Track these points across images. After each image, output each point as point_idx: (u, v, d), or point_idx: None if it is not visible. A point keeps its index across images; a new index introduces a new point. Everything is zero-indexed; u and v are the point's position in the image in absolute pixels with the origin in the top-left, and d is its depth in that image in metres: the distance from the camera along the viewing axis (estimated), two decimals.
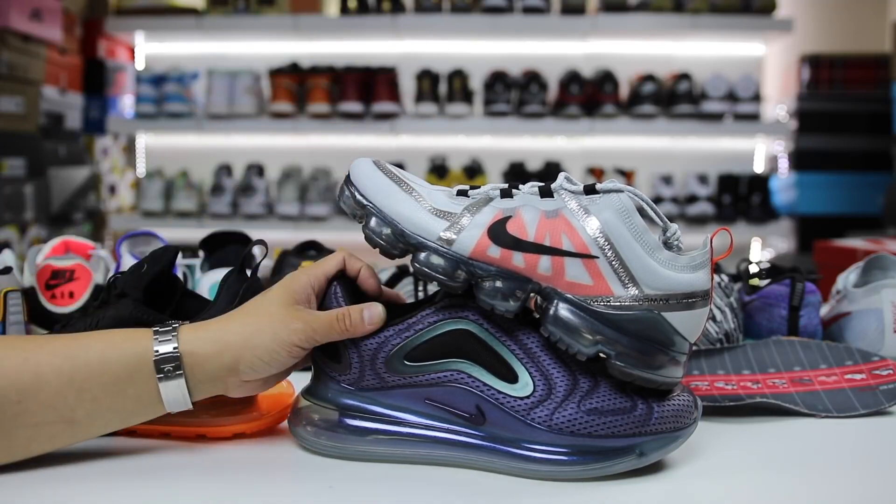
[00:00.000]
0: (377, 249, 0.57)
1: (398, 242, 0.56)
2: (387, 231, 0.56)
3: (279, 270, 1.05)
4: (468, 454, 0.56)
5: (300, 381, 0.65)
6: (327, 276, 0.60)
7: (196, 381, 0.56)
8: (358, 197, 0.57)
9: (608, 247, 0.54)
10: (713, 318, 0.80)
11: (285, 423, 0.63)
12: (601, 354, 0.54)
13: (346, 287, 0.59)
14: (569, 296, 0.54)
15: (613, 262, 0.54)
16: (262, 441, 0.63)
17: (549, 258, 0.54)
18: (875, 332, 0.80)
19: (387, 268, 0.99)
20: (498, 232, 0.54)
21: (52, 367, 0.54)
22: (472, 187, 0.58)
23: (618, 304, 0.54)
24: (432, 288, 0.94)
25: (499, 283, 0.54)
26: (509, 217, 0.55)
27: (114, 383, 0.54)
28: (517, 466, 0.55)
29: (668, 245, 0.57)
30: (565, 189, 0.57)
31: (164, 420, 0.62)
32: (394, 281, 0.96)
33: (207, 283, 0.97)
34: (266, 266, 1.11)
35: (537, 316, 0.57)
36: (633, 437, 0.54)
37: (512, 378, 0.56)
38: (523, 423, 0.55)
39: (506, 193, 0.57)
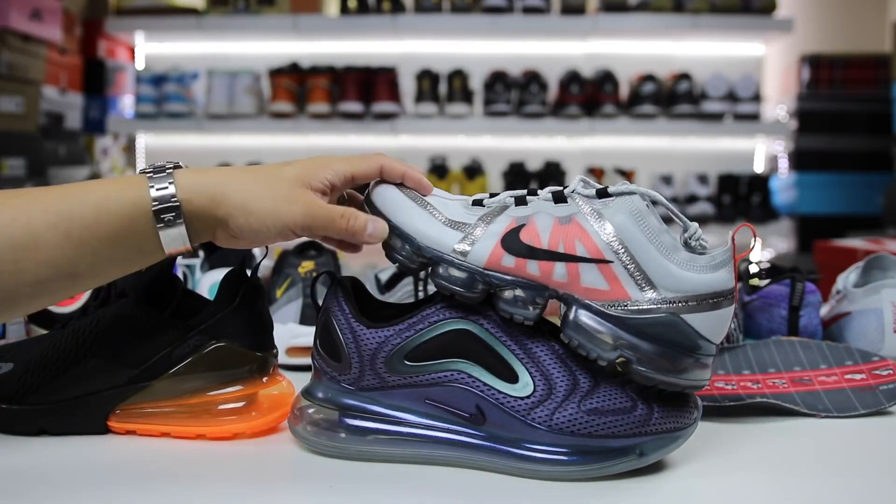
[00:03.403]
0: (397, 265, 0.57)
1: (416, 257, 0.56)
2: (406, 247, 0.56)
3: (279, 270, 1.05)
4: (468, 454, 0.56)
5: (300, 380, 0.65)
6: (354, 178, 0.58)
7: (192, 228, 0.54)
8: (377, 215, 0.58)
9: (623, 250, 0.54)
10: None
11: (285, 423, 0.64)
12: (622, 359, 0.54)
13: (347, 292, 0.59)
14: (587, 301, 0.54)
15: (629, 266, 0.54)
16: (262, 441, 0.63)
17: (564, 265, 0.54)
18: (875, 332, 0.80)
19: (387, 267, 0.99)
20: (511, 241, 0.55)
21: (46, 224, 0.52)
22: (492, 195, 0.58)
23: (636, 307, 0.54)
24: (432, 288, 0.94)
25: (517, 292, 0.54)
26: (523, 225, 0.55)
27: (113, 235, 0.53)
28: (517, 466, 0.55)
29: (688, 245, 0.56)
30: (579, 193, 0.56)
31: (164, 420, 0.63)
32: (394, 281, 0.96)
33: (207, 283, 0.97)
34: (266, 266, 1.11)
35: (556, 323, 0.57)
36: (634, 438, 0.54)
37: (512, 378, 0.56)
38: (524, 423, 0.55)
39: (520, 201, 0.57)
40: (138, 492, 0.53)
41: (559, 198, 0.57)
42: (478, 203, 0.58)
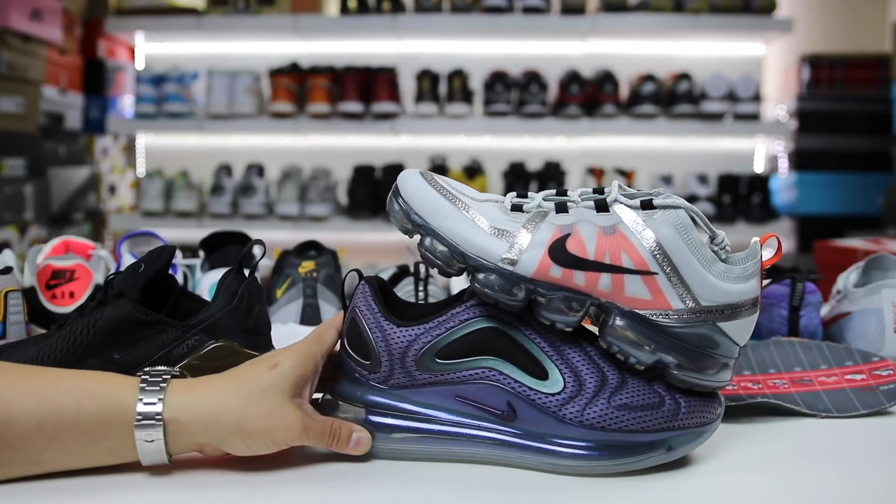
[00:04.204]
0: (434, 269, 0.57)
1: (456, 262, 0.56)
2: (444, 250, 0.56)
3: (279, 270, 1.05)
4: (500, 451, 0.57)
5: None
6: (330, 351, 0.60)
7: (176, 445, 0.54)
8: (412, 216, 0.57)
9: (666, 263, 0.54)
10: None
11: None
12: (659, 364, 0.55)
13: (375, 291, 0.59)
14: (628, 309, 0.55)
15: (672, 278, 0.55)
16: None
17: (609, 276, 0.55)
18: (875, 332, 0.80)
19: (387, 267, 0.99)
20: (559, 252, 0.55)
21: (24, 409, 0.51)
22: (520, 195, 0.58)
23: (676, 317, 0.55)
24: (432, 288, 0.94)
25: (559, 300, 0.55)
26: (568, 235, 0.55)
27: (87, 434, 0.52)
28: (548, 462, 0.56)
29: (715, 251, 0.57)
30: (621, 203, 0.57)
31: None
32: (394, 281, 0.96)
33: (207, 283, 0.97)
34: (266, 266, 1.11)
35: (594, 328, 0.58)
36: (662, 432, 0.55)
37: (542, 375, 0.56)
38: (555, 418, 0.55)
39: (560, 207, 0.57)
40: (137, 491, 0.53)
41: (601, 206, 0.57)
42: (517, 209, 0.58)
